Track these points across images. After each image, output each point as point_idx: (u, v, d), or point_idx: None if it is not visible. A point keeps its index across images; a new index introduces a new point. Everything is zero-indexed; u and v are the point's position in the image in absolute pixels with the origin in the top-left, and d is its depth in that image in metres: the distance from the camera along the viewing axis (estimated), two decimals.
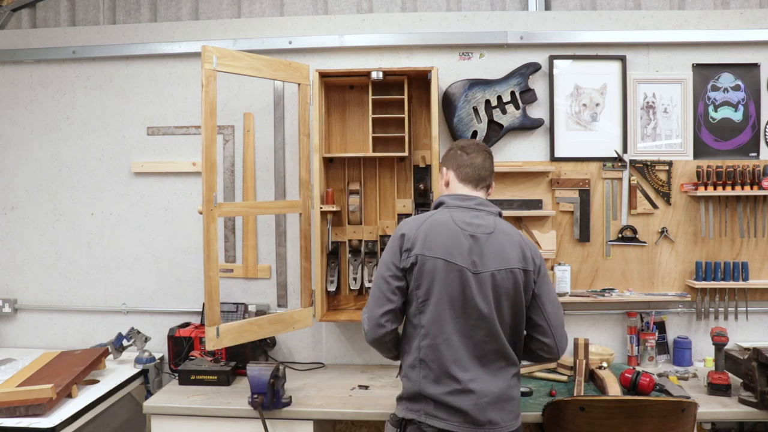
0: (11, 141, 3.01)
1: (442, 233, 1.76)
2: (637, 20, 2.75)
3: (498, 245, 1.77)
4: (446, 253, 1.74)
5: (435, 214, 1.83)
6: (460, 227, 1.78)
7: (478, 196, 1.88)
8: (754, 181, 2.68)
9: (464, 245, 1.75)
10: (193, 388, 2.48)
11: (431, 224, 1.79)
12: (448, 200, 1.87)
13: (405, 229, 1.81)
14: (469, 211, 1.82)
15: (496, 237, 1.78)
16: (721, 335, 2.36)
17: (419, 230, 1.78)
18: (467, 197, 1.86)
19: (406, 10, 3.01)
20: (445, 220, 1.79)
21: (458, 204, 1.84)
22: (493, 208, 1.87)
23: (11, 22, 3.13)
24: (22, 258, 3.02)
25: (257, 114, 2.84)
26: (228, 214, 2.52)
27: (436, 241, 1.75)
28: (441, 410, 1.72)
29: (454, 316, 1.74)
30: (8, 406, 2.12)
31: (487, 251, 1.76)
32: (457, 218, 1.80)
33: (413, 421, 1.75)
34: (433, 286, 1.74)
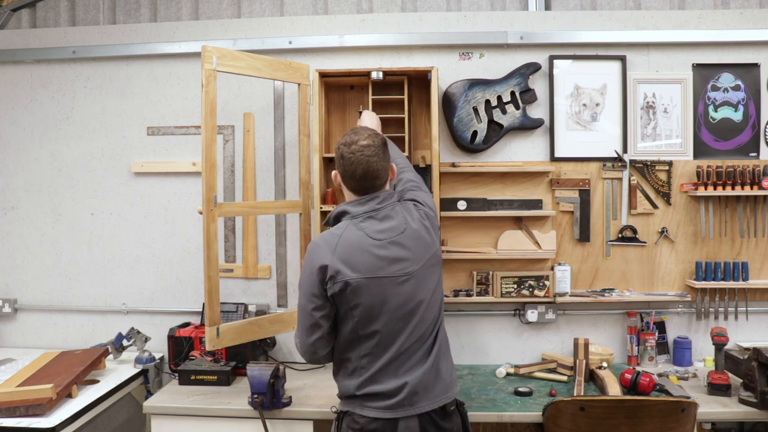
0: (11, 141, 3.01)
1: (360, 251, 1.73)
2: (637, 20, 2.75)
3: (414, 238, 1.78)
4: (371, 270, 1.72)
5: (345, 233, 1.76)
6: (374, 239, 1.75)
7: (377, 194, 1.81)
8: (754, 181, 2.68)
9: (386, 255, 1.74)
10: (193, 388, 2.48)
11: (346, 246, 1.73)
12: (351, 209, 1.80)
13: (320, 259, 1.74)
14: (375, 214, 1.78)
15: (409, 232, 1.78)
16: (721, 335, 2.36)
17: (335, 255, 1.72)
18: (367, 199, 1.80)
19: (406, 10, 3.01)
20: (357, 237, 1.75)
21: (362, 211, 1.79)
22: (392, 195, 1.83)
23: (11, 22, 3.13)
24: (22, 258, 3.02)
25: (257, 114, 2.84)
26: (228, 214, 2.52)
27: (357, 261, 1.72)
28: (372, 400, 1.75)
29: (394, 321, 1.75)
30: (8, 406, 2.12)
31: (409, 250, 1.77)
32: (368, 230, 1.76)
33: (348, 412, 1.79)
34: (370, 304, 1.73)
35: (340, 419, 1.83)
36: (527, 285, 2.73)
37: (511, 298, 2.74)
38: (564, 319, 2.81)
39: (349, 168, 1.78)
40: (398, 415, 1.73)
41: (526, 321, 2.79)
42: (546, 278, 2.72)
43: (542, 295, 2.72)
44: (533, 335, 2.83)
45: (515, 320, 2.83)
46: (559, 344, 2.81)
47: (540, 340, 2.82)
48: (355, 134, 1.81)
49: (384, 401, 1.74)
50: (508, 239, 2.76)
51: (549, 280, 2.72)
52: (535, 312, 2.77)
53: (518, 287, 2.73)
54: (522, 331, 2.83)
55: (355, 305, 1.73)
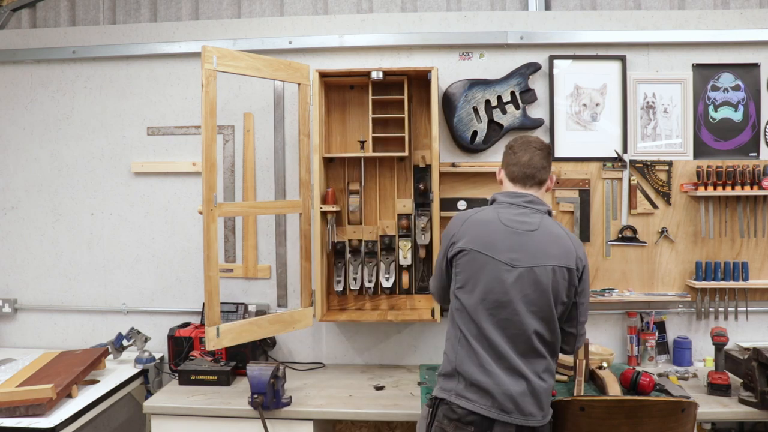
0: (11, 141, 3.01)
1: (485, 229, 1.85)
2: (637, 20, 2.75)
3: (540, 242, 1.81)
4: (486, 247, 1.81)
5: (482, 211, 1.91)
6: (504, 224, 1.84)
7: (530, 193, 1.92)
8: (754, 181, 2.68)
9: (505, 241, 1.81)
10: (193, 388, 2.48)
11: (476, 220, 1.88)
12: (500, 197, 1.94)
13: (453, 224, 1.92)
14: (516, 208, 1.88)
15: (538, 235, 1.82)
16: (721, 335, 2.36)
17: (464, 224, 1.88)
18: (517, 195, 1.92)
19: (406, 10, 3.01)
20: (490, 217, 1.87)
21: (507, 201, 1.91)
22: (543, 206, 1.91)
23: (11, 22, 3.13)
24: (22, 258, 3.02)
25: (257, 114, 2.84)
26: (228, 214, 2.52)
27: (478, 235, 1.84)
28: (471, 391, 1.76)
29: (488, 308, 1.78)
30: (8, 406, 2.12)
31: (528, 248, 1.80)
32: (503, 215, 1.86)
33: (444, 401, 1.79)
34: (471, 277, 1.82)
35: (435, 406, 1.82)
36: None
37: None
38: None
39: (518, 152, 1.95)
40: (497, 417, 1.73)
41: None
42: None
43: None
44: None
45: None
46: None
47: None
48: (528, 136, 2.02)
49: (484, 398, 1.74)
50: None
51: None
52: None
53: None
54: None
55: (459, 272, 1.85)
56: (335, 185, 2.80)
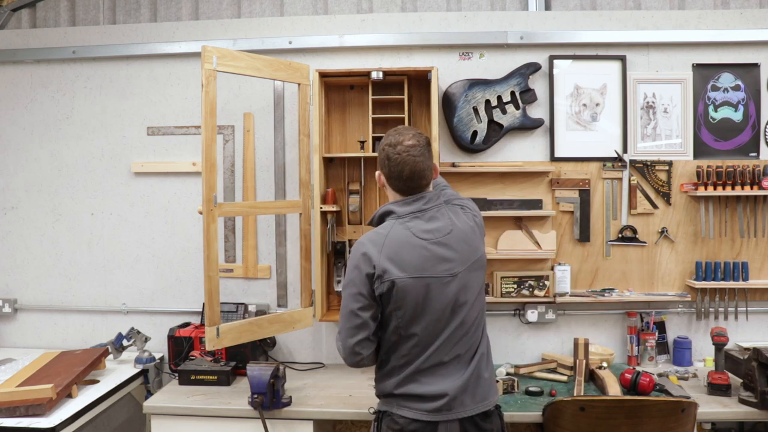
0: (11, 141, 3.01)
1: (407, 250, 1.73)
2: (637, 20, 2.75)
3: (460, 240, 1.77)
4: (418, 269, 1.72)
5: (391, 231, 1.75)
6: (420, 238, 1.74)
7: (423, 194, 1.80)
8: (754, 181, 2.68)
9: (431, 255, 1.74)
10: (193, 388, 2.48)
11: (392, 245, 1.73)
12: (397, 209, 1.79)
13: (367, 256, 1.74)
14: (422, 215, 1.77)
15: (456, 233, 1.78)
16: (721, 335, 2.36)
17: (382, 254, 1.72)
18: (414, 199, 1.79)
19: (406, 10, 3.01)
20: (405, 236, 1.74)
21: (409, 211, 1.78)
22: (439, 197, 1.82)
23: (11, 22, 3.13)
24: (22, 258, 3.02)
25: (257, 114, 2.84)
26: (228, 214, 2.52)
27: (405, 260, 1.72)
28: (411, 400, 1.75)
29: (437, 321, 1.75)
30: (8, 406, 2.12)
31: (455, 251, 1.76)
32: (415, 229, 1.75)
33: (387, 412, 1.79)
34: (416, 303, 1.73)
35: (379, 419, 1.81)
36: (527, 285, 2.73)
37: (511, 298, 2.74)
38: (564, 319, 2.81)
39: (396, 169, 1.76)
40: (438, 419, 1.72)
41: (526, 321, 2.79)
42: (546, 278, 2.72)
43: (542, 295, 2.72)
44: (533, 335, 2.83)
45: (515, 320, 2.83)
46: (559, 344, 2.81)
47: (540, 340, 2.82)
48: (399, 134, 1.79)
49: (423, 404, 1.73)
50: (508, 239, 2.76)
51: (549, 280, 2.72)
52: (535, 312, 2.77)
53: (518, 287, 2.73)
54: (522, 331, 2.83)
55: (400, 305, 1.73)
56: (335, 185, 2.80)
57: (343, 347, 1.79)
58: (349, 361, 1.81)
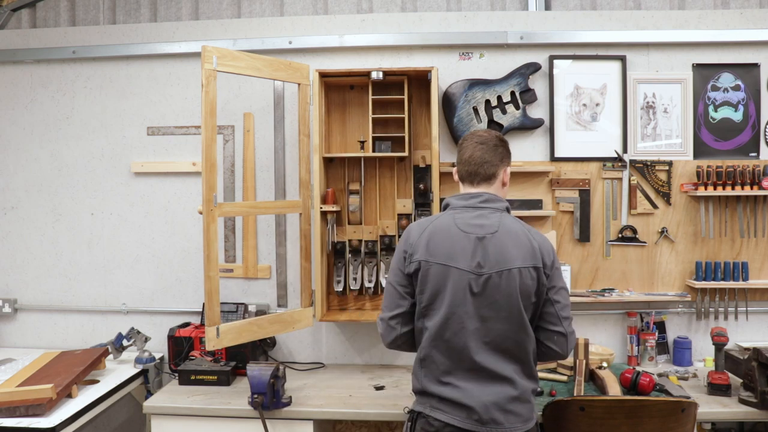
0: (11, 141, 3.01)
1: (444, 237, 1.76)
2: (637, 20, 2.75)
3: (502, 245, 1.74)
4: (448, 257, 1.74)
5: (438, 218, 1.82)
6: (462, 230, 1.76)
7: (483, 191, 1.83)
8: (754, 181, 2.68)
9: (466, 248, 1.74)
10: (193, 388, 2.48)
11: (433, 229, 1.79)
12: (453, 201, 1.85)
13: (409, 235, 1.82)
14: (472, 211, 1.80)
15: (499, 237, 1.75)
16: (721, 335, 2.36)
17: (422, 236, 1.78)
18: (471, 195, 1.83)
19: (406, 10, 3.01)
20: (447, 224, 1.78)
21: (462, 204, 1.82)
22: (499, 203, 1.83)
23: (11, 22, 3.13)
24: (22, 258, 3.02)
25: (257, 114, 2.84)
26: (228, 214, 2.52)
27: (438, 246, 1.75)
28: (444, 404, 1.74)
29: (457, 321, 1.73)
30: (8, 406, 2.12)
31: (491, 252, 1.73)
32: (460, 220, 1.78)
33: (422, 413, 1.78)
34: (435, 290, 1.74)
35: (413, 420, 1.80)
36: None
37: None
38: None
39: (461, 152, 1.87)
40: (473, 429, 1.70)
41: None
42: None
43: None
44: None
45: None
46: None
47: None
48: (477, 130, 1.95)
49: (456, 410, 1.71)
50: None
51: None
52: None
53: None
54: None
55: (423, 289, 1.76)
56: (335, 185, 2.80)
57: (381, 321, 1.84)
58: (386, 337, 1.84)
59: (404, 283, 1.80)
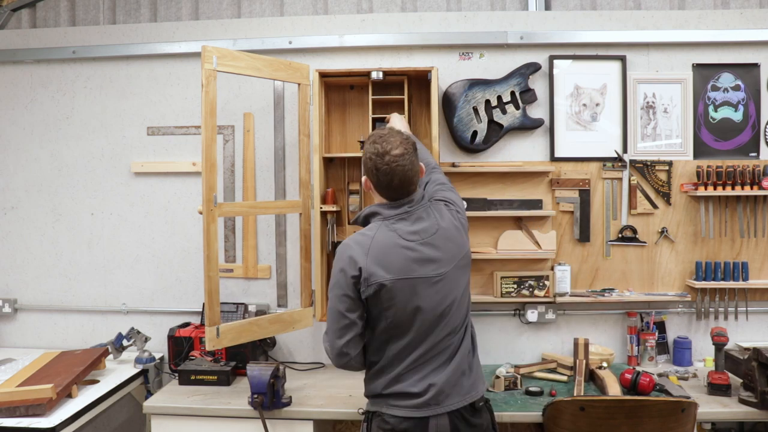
0: (11, 141, 3.01)
1: (393, 253, 1.73)
2: (637, 20, 2.75)
3: (446, 238, 1.79)
4: (405, 271, 1.72)
5: (377, 234, 1.75)
6: (406, 239, 1.75)
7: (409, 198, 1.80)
8: (754, 181, 2.68)
9: (419, 256, 1.74)
10: (193, 388, 2.48)
11: (379, 248, 1.73)
12: (383, 211, 1.79)
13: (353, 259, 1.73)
14: (408, 216, 1.78)
15: (441, 233, 1.79)
16: (721, 335, 2.36)
17: (368, 257, 1.72)
18: (400, 203, 1.79)
19: (406, 10, 3.01)
20: (391, 238, 1.74)
21: (395, 213, 1.78)
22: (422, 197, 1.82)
23: (11, 22, 3.13)
24: (22, 258, 3.02)
25: (257, 114, 2.84)
26: (228, 214, 2.52)
27: (390, 263, 1.72)
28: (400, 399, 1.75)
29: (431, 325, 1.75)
30: (8, 406, 2.12)
31: (441, 250, 1.77)
32: (401, 231, 1.76)
33: (377, 413, 1.79)
34: (404, 304, 1.73)
35: (369, 420, 1.81)
36: (527, 285, 2.73)
37: (511, 298, 2.74)
38: (564, 319, 2.81)
39: (385, 179, 1.74)
40: (428, 414, 1.72)
41: (526, 321, 2.79)
42: (546, 278, 2.72)
43: (542, 295, 2.72)
44: (533, 335, 2.83)
45: (515, 320, 2.83)
46: (559, 344, 2.81)
47: (540, 340, 2.82)
48: (385, 142, 1.74)
49: (411, 400, 1.74)
50: (508, 239, 2.76)
51: (549, 280, 2.71)
52: (535, 312, 2.77)
53: (518, 287, 2.73)
54: (522, 331, 2.83)
55: (389, 306, 1.73)
56: (335, 185, 2.80)
57: (331, 348, 1.80)
58: (336, 362, 1.81)
59: (353, 308, 1.75)
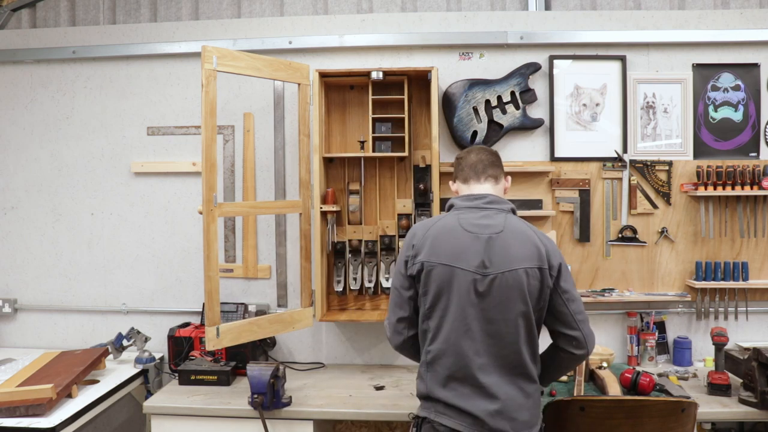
0: (11, 141, 3.01)
1: (448, 237, 1.74)
2: (637, 20, 2.75)
3: (507, 245, 1.72)
4: (451, 258, 1.71)
5: (443, 219, 1.81)
6: (466, 230, 1.74)
7: (488, 193, 1.84)
8: (754, 181, 2.68)
9: (471, 248, 1.71)
10: (193, 388, 2.48)
11: (437, 229, 1.77)
12: (458, 202, 1.85)
13: (413, 237, 1.80)
14: (477, 212, 1.79)
15: (504, 237, 1.73)
16: (721, 335, 2.36)
17: (426, 236, 1.77)
18: (475, 196, 1.83)
19: (406, 10, 3.01)
20: (452, 224, 1.77)
21: (467, 205, 1.81)
22: (504, 204, 1.82)
23: (11, 22, 3.13)
24: (22, 258, 3.02)
25: (257, 114, 2.84)
26: (228, 214, 2.52)
27: (441, 246, 1.73)
28: (450, 410, 1.71)
29: (462, 321, 1.71)
30: (8, 406, 2.12)
31: (496, 252, 1.71)
32: (465, 221, 1.76)
33: (426, 419, 1.75)
34: (439, 292, 1.72)
35: (418, 426, 1.77)
36: None
37: None
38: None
39: (464, 157, 1.91)
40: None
41: None
42: None
43: None
44: None
45: None
46: None
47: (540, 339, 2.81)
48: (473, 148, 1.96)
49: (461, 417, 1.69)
50: None
51: None
52: None
53: None
54: None
55: (426, 290, 1.74)
56: (335, 185, 2.80)
57: (388, 324, 1.84)
58: (393, 340, 1.84)
59: (406, 285, 1.78)
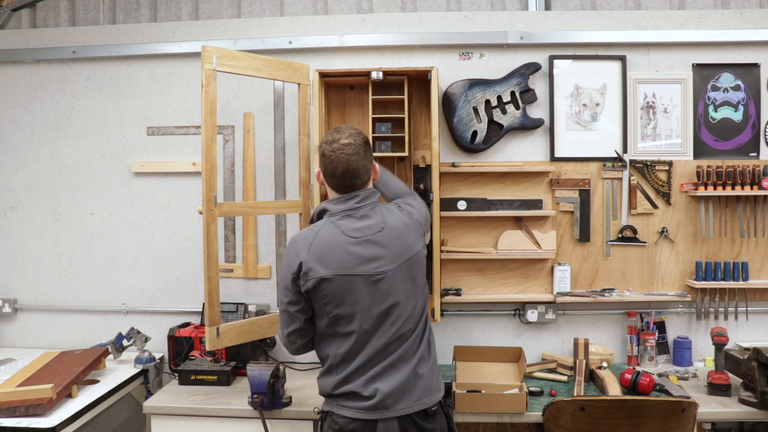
0: (11, 141, 3.01)
1: (334, 248, 1.76)
2: (637, 20, 2.75)
3: (392, 237, 1.79)
4: (344, 267, 1.74)
5: (321, 230, 1.79)
6: (349, 236, 1.77)
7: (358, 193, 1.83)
8: (754, 181, 2.68)
9: (360, 253, 1.76)
10: (193, 388, 2.48)
11: (321, 242, 1.77)
12: (331, 207, 1.84)
13: (296, 254, 1.78)
14: (353, 213, 1.81)
15: (387, 231, 1.79)
16: (721, 335, 2.36)
17: (310, 252, 1.76)
18: (348, 198, 1.83)
19: (406, 10, 3.01)
20: (333, 234, 1.78)
21: (341, 209, 1.82)
22: (374, 196, 1.85)
23: (11, 22, 3.13)
24: (22, 258, 3.02)
25: (257, 114, 2.84)
26: (228, 214, 2.52)
27: (331, 258, 1.75)
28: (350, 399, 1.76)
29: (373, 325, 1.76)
30: (8, 406, 2.12)
31: (385, 248, 1.77)
32: (345, 227, 1.78)
33: (329, 413, 1.80)
34: (341, 302, 1.76)
35: (322, 419, 1.84)
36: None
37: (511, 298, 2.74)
38: (564, 319, 2.81)
39: (330, 166, 1.82)
40: (376, 417, 1.73)
41: (526, 321, 2.79)
42: None
43: None
44: (533, 335, 2.83)
45: (515, 320, 2.83)
46: (559, 344, 2.82)
47: (540, 340, 2.83)
48: (337, 132, 1.85)
49: (360, 402, 1.75)
50: (508, 239, 2.76)
51: None
52: (535, 312, 2.77)
53: None
54: (522, 331, 2.83)
55: (328, 302, 1.76)
56: None
57: (281, 335, 1.90)
58: (287, 348, 1.91)
59: (294, 301, 1.80)
